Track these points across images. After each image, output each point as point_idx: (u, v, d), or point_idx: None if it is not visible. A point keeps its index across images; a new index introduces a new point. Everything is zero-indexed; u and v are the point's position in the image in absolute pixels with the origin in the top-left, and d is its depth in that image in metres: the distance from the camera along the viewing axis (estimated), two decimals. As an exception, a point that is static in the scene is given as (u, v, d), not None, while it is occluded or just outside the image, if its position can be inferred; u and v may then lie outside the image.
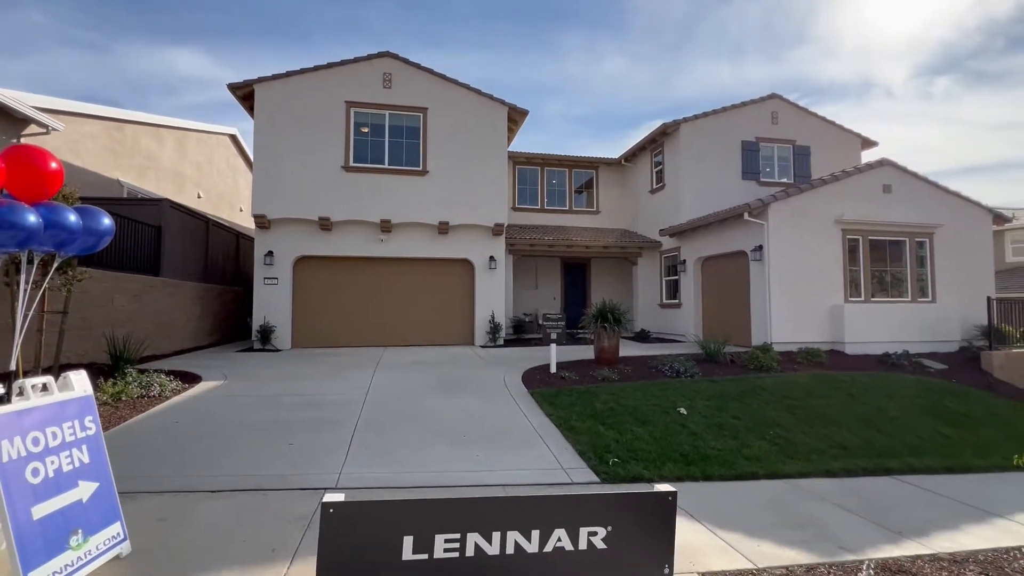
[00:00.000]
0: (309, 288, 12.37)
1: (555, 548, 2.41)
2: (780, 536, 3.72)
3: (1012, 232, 20.77)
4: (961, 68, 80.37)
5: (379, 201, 12.14)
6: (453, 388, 7.64)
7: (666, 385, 7.79)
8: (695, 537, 3.66)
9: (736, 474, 5.07)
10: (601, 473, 4.82)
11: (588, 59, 70.46)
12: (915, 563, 3.45)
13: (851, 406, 7.35)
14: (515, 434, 5.76)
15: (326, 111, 12.02)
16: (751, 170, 14.54)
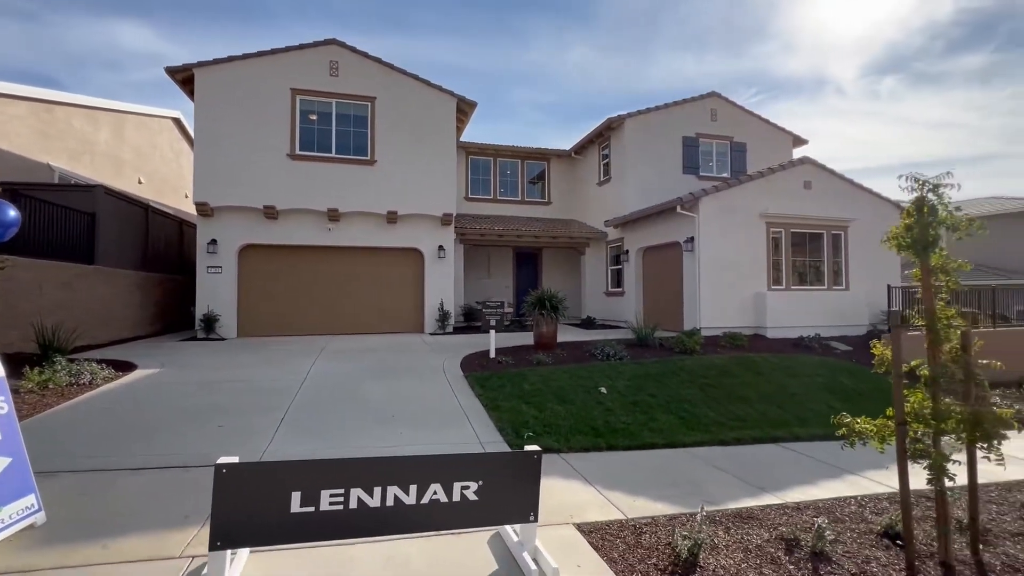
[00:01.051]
0: (255, 277, 12.32)
1: (431, 500, 2.80)
2: (658, 493, 4.26)
3: (930, 225, 22.51)
4: (905, 68, 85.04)
5: (326, 190, 12.17)
6: (392, 373, 7.94)
7: (595, 368, 8.33)
8: (582, 496, 4.15)
9: (638, 444, 5.63)
10: (514, 446, 5.26)
11: (555, 48, 70.61)
12: (764, 511, 4.05)
13: (758, 384, 8.10)
14: (443, 414, 6.15)
15: (271, 98, 11.91)
16: (691, 165, 15.28)
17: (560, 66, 71.35)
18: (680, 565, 3.10)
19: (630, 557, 3.18)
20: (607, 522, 3.66)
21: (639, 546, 3.33)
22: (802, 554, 3.35)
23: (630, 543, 3.36)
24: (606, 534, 3.47)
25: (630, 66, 73.16)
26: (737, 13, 67.87)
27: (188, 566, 2.81)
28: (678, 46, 74.78)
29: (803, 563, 3.23)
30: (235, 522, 2.50)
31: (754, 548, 3.40)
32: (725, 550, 3.34)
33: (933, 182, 3.42)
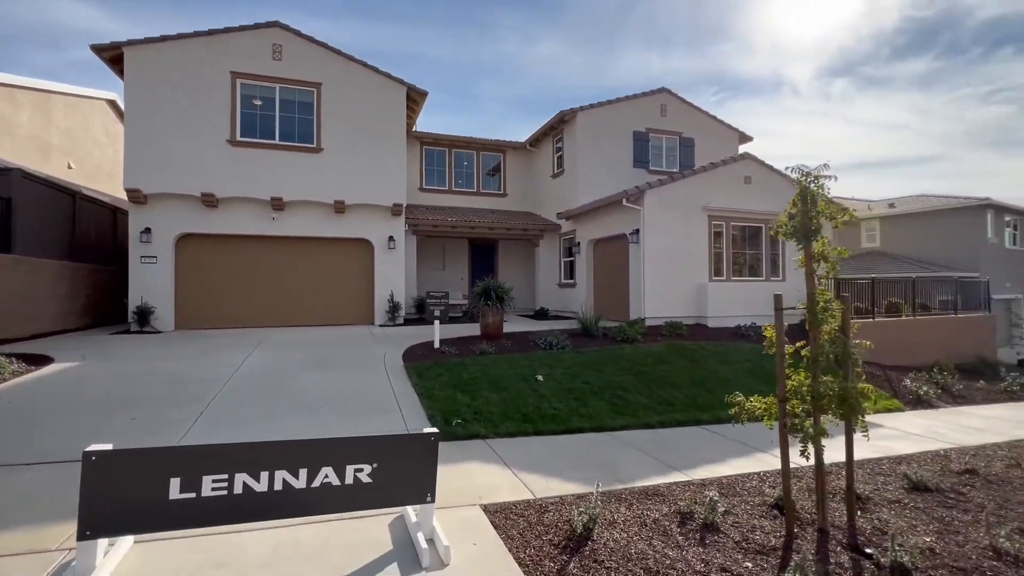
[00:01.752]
0: (195, 267, 11.86)
1: (323, 484, 2.81)
2: (572, 475, 4.39)
3: (867, 222, 23.81)
4: (855, 72, 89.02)
5: (270, 178, 11.81)
6: (331, 364, 7.83)
7: (536, 357, 8.46)
8: (497, 479, 4.24)
9: (566, 429, 5.78)
10: (442, 434, 5.30)
11: (524, 40, 70.41)
12: (670, 488, 4.25)
13: (691, 370, 8.42)
14: (375, 403, 6.12)
15: (209, 81, 11.42)
16: (641, 159, 15.61)
17: (528, 59, 71.25)
18: (574, 539, 3.22)
19: (528, 534, 3.28)
20: (515, 502, 3.76)
21: (540, 524, 3.44)
22: (694, 526, 3.54)
23: (532, 521, 3.47)
24: (511, 514, 3.57)
25: (597, 62, 73.79)
26: (700, 14, 69.42)
27: (63, 559, 2.72)
28: (644, 44, 75.91)
29: (692, 534, 3.42)
30: (107, 511, 2.44)
31: (651, 522, 3.56)
32: (622, 524, 3.49)
33: (815, 173, 3.63)
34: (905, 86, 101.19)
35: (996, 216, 21.10)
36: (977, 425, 7.34)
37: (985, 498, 4.36)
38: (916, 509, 4.07)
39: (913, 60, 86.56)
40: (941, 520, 3.87)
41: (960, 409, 8.61)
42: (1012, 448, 6.08)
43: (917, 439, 6.37)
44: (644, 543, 3.23)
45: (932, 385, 9.65)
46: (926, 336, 12.69)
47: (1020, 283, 22.31)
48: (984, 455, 5.73)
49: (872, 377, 9.75)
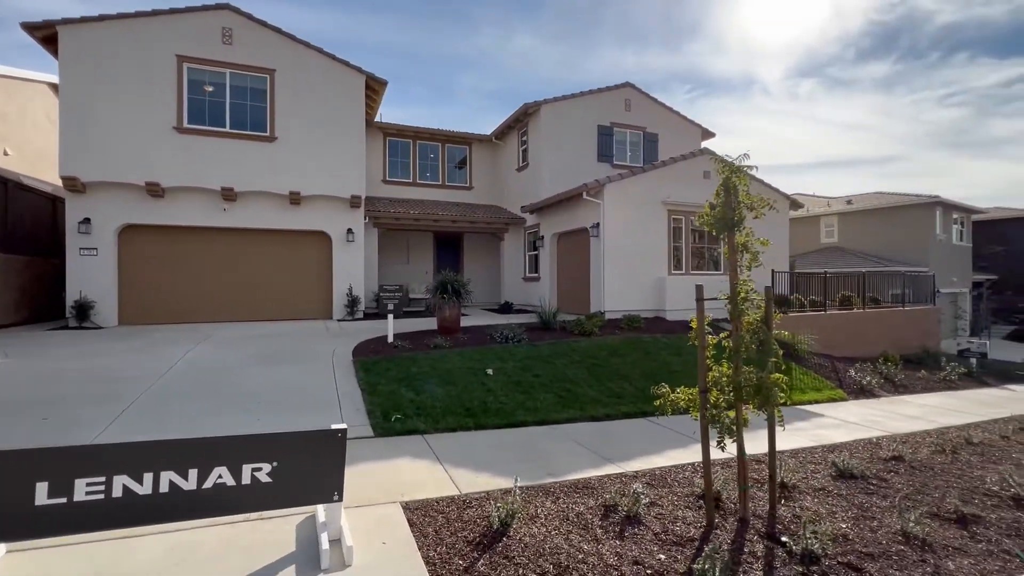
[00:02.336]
0: (140, 260, 11.35)
1: (215, 485, 2.66)
2: (504, 469, 4.33)
3: (825, 218, 24.53)
4: (821, 73, 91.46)
5: (220, 167, 11.36)
6: (277, 360, 7.59)
7: (491, 351, 8.38)
8: (426, 475, 4.14)
9: (509, 423, 5.71)
10: (378, 429, 5.19)
11: (501, 33, 69.87)
12: (601, 480, 4.23)
13: (644, 363, 8.48)
14: (315, 399, 5.94)
15: (153, 65, 10.88)
16: (606, 153, 15.66)
17: (505, 53, 70.79)
18: (489, 536, 3.15)
19: (444, 531, 3.20)
20: (439, 499, 3.67)
21: (459, 520, 3.36)
22: (616, 518, 3.51)
23: (452, 517, 3.39)
24: (432, 511, 3.48)
25: (573, 57, 73.83)
26: (674, 12, 70.11)
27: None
28: (618, 40, 76.28)
29: (613, 527, 3.39)
30: (-40, 519, 2.24)
31: (574, 516, 3.53)
32: (544, 519, 3.45)
33: (736, 164, 3.63)
34: (868, 88, 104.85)
35: (944, 213, 21.99)
36: (912, 413, 7.60)
37: (905, 484, 4.49)
38: (839, 496, 4.15)
39: (876, 63, 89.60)
40: (860, 506, 3.95)
41: (900, 398, 8.92)
42: (940, 435, 6.30)
43: (854, 427, 6.54)
44: (561, 538, 3.19)
45: (876, 375, 9.98)
46: (875, 328, 13.13)
47: (965, 278, 23.38)
48: (913, 442, 5.92)
49: (820, 368, 10.03)
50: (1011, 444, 6.04)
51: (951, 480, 4.65)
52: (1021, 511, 3.99)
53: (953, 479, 4.69)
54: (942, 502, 4.04)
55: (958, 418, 7.39)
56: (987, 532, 3.60)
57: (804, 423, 6.68)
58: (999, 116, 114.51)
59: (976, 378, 11.47)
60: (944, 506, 3.97)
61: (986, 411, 7.98)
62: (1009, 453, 5.67)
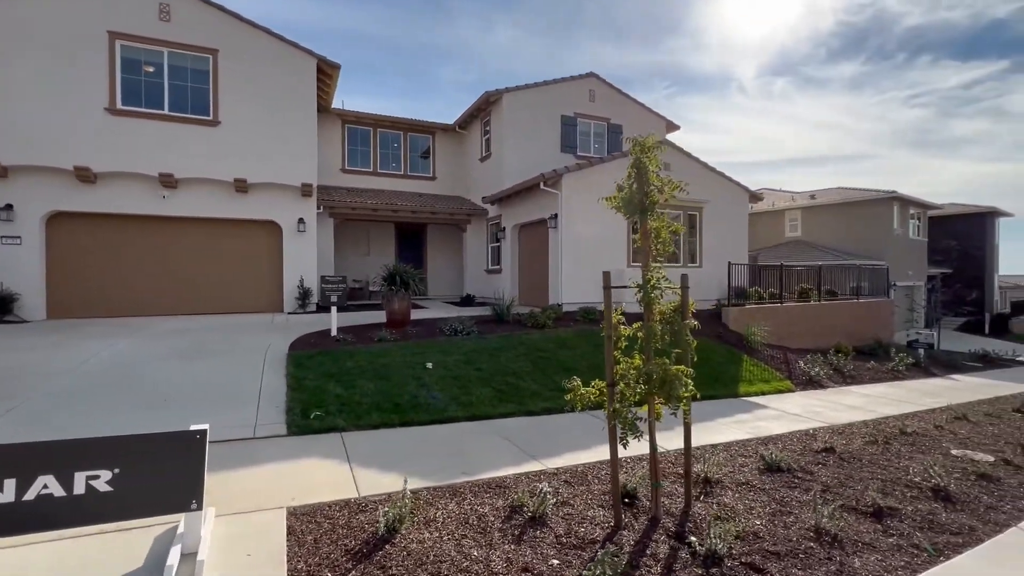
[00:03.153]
0: (73, 250, 10.69)
1: (39, 496, 2.35)
2: (416, 468, 4.09)
3: (789, 212, 24.90)
4: (794, 72, 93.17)
5: (158, 152, 10.74)
6: (206, 354, 7.17)
7: (436, 344, 8.12)
8: (326, 476, 3.87)
9: (438, 419, 5.47)
10: (294, 427, 4.89)
11: (481, 25, 68.92)
12: (518, 479, 4.03)
13: (593, 356, 8.32)
14: (235, 396, 5.60)
15: (81, 41, 10.18)
16: (569, 143, 15.46)
17: (485, 45, 69.96)
18: (373, 543, 2.91)
19: (325, 539, 2.94)
20: (333, 502, 3.40)
21: (347, 526, 3.11)
22: (520, 520, 3.31)
23: (339, 523, 3.13)
24: (320, 516, 3.21)
25: (553, 50, 73.44)
26: (653, 8, 70.26)
27: None
28: (600, 35, 76.13)
29: (513, 530, 3.19)
30: None
31: (475, 519, 3.31)
32: (440, 523, 3.22)
33: (646, 144, 3.44)
34: (839, 87, 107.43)
35: (902, 208, 22.53)
36: (854, 403, 7.64)
37: (831, 477, 4.41)
38: (762, 491, 4.04)
39: (846, 63, 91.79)
40: (781, 501, 3.84)
41: (847, 389, 9.00)
42: (877, 426, 6.31)
43: (794, 419, 6.51)
44: (452, 543, 2.97)
45: (826, 367, 10.07)
46: (830, 320, 13.31)
47: (921, 271, 24.06)
48: (849, 433, 5.90)
49: (772, 359, 10.07)
50: (943, 433, 6.08)
51: (877, 471, 4.60)
52: (938, 502, 3.95)
53: (879, 470, 4.64)
54: (863, 495, 3.96)
55: (898, 408, 7.45)
56: (901, 525, 3.52)
57: (747, 415, 6.62)
58: (960, 117, 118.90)
59: (923, 368, 11.72)
60: (863, 499, 3.89)
61: (926, 401, 8.09)
62: (940, 442, 5.69)
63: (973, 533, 3.46)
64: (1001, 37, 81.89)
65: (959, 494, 4.11)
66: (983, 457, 5.18)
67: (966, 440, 5.86)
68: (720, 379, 8.20)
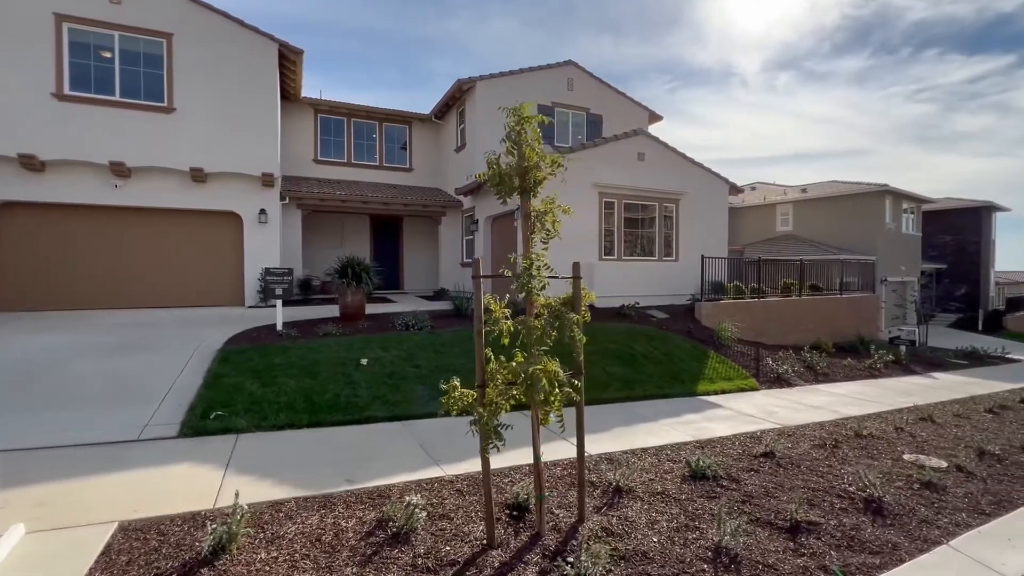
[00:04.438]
0: (21, 241, 10.36)
1: None
2: (299, 476, 3.75)
3: (781, 206, 24.42)
4: (798, 66, 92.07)
5: (108, 139, 10.37)
6: (136, 349, 6.83)
7: (383, 339, 7.77)
8: (192, 484, 3.54)
9: (356, 419, 5.14)
10: (187, 428, 4.55)
11: (476, 17, 68.22)
12: (406, 487, 3.68)
13: (547, 352, 7.95)
14: (141, 393, 5.26)
15: (26, 23, 9.80)
16: (547, 134, 14.91)
17: (479, 37, 69.24)
18: (190, 566, 2.56)
19: (142, 560, 2.60)
20: (177, 515, 3.06)
21: (178, 544, 2.76)
22: (382, 536, 2.96)
23: (171, 541, 2.79)
24: (153, 531, 2.87)
25: (549, 44, 72.76)
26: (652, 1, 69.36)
27: None
28: (596, 28, 75.27)
29: (368, 548, 2.84)
30: None
31: (331, 535, 2.96)
32: (287, 540, 2.87)
33: (523, 112, 3.07)
34: (842, 82, 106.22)
35: (894, 202, 22.04)
36: (817, 403, 7.27)
37: (759, 485, 4.05)
38: (675, 501, 3.68)
39: (850, 57, 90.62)
40: (692, 514, 3.49)
41: (816, 387, 8.63)
42: (834, 427, 5.95)
43: (746, 420, 6.14)
44: (286, 567, 2.62)
45: (799, 364, 9.70)
46: (811, 316, 12.92)
47: (914, 267, 23.58)
48: (799, 435, 5.54)
49: (741, 356, 9.69)
50: (901, 436, 5.71)
51: (812, 479, 4.24)
52: (867, 515, 3.58)
53: (816, 478, 4.28)
54: (786, 506, 3.60)
55: (863, 408, 7.08)
56: (816, 543, 3.16)
57: (696, 415, 6.26)
58: (964, 112, 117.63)
59: (904, 366, 11.33)
60: (784, 511, 3.53)
61: (895, 400, 7.71)
62: (895, 446, 5.32)
63: (895, 552, 3.10)
64: (1007, 31, 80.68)
65: (894, 506, 3.74)
66: (936, 463, 4.81)
67: (924, 443, 5.49)
68: (678, 377, 7.83)
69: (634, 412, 6.20)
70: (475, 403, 2.93)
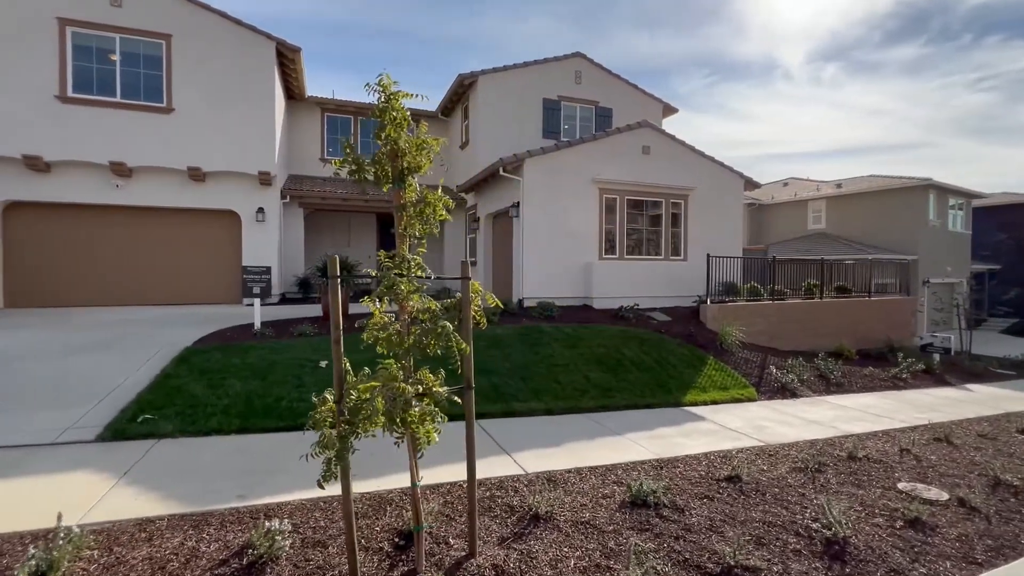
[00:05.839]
0: (30, 240, 10.71)
1: None
2: (189, 488, 3.50)
3: (813, 203, 23.02)
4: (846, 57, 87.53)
5: (109, 140, 10.59)
6: (102, 348, 6.83)
7: (352, 339, 7.50)
8: (66, 494, 3.32)
9: (288, 426, 4.89)
10: (109, 432, 4.39)
11: (513, 17, 68.00)
12: (300, 506, 3.36)
13: (523, 355, 7.54)
14: (83, 394, 5.16)
15: (30, 27, 10.10)
16: (552, 128, 14.55)
17: (514, 37, 68.97)
18: (-4, 596, 2.32)
19: (-49, 586, 2.37)
20: (19, 533, 2.82)
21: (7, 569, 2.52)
22: (233, 568, 2.64)
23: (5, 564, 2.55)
24: (-8, 551, 2.65)
25: (585, 41, 71.96)
26: (687, -9, 67.37)
27: None
28: (633, 23, 73.73)
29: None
30: None
31: (179, 563, 2.66)
32: (125, 567, 2.59)
33: (387, 87, 2.69)
34: (894, 72, 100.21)
35: (939, 197, 20.38)
36: (818, 418, 6.56)
37: (707, 516, 3.53)
38: (598, 534, 3.22)
39: (904, 45, 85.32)
40: (610, 551, 3.02)
41: (823, 399, 7.86)
42: (828, 446, 5.30)
43: (725, 436, 5.55)
44: (103, 599, 2.33)
45: (810, 372, 8.90)
46: (834, 320, 11.97)
47: (962, 267, 21.76)
48: (780, 456, 4.93)
49: (744, 363, 8.98)
50: (903, 460, 5.01)
51: (774, 510, 3.68)
52: (822, 560, 3.02)
53: (779, 509, 3.71)
54: (726, 546, 3.08)
55: (870, 424, 6.33)
56: (745, 596, 2.65)
57: (670, 429, 5.71)
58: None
59: (935, 376, 10.30)
60: (721, 552, 3.01)
61: (911, 416, 6.90)
62: (892, 472, 4.65)
63: (841, 613, 2.55)
64: (1079, 10, 74.08)
65: (861, 549, 3.16)
66: (934, 494, 4.14)
67: (929, 469, 4.79)
68: (665, 385, 7.25)
69: (602, 424, 5.71)
70: (322, 421, 2.54)
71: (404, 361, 2.74)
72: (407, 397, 2.47)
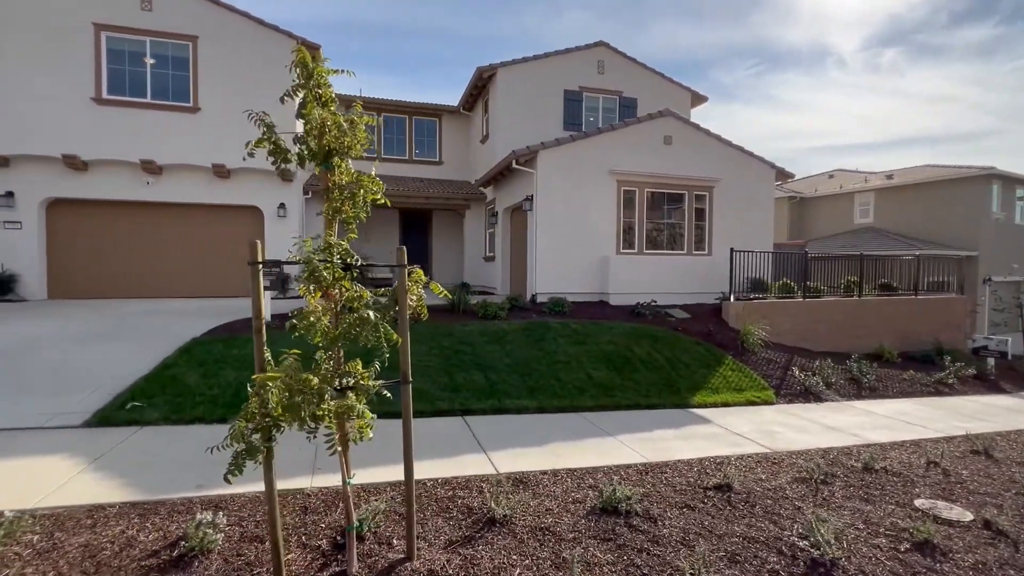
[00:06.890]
0: (71, 234, 11.35)
1: None
2: (156, 477, 3.50)
3: (860, 195, 21.60)
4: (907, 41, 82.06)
5: (141, 139, 11.05)
6: (115, 338, 7.09)
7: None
8: (36, 478, 3.38)
9: (272, 417, 4.86)
10: (96, 418, 4.51)
11: (549, 11, 67.53)
12: (254, 499, 3.30)
13: (526, 352, 7.33)
14: (85, 382, 5.35)
15: (68, 33, 10.65)
16: (573, 121, 14.20)
17: (551, 32, 68.41)
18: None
19: None
20: (-17, 515, 2.88)
21: (-54, 548, 2.56)
22: (166, 558, 2.59)
23: (-57, 544, 2.59)
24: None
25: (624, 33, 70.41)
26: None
27: None
28: (674, 12, 71.70)
29: (134, 569, 2.47)
30: None
31: (112, 552, 2.64)
32: (56, 554, 2.58)
33: (305, 59, 2.54)
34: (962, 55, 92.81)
35: (1005, 187, 18.70)
36: (839, 424, 6.05)
37: (680, 528, 3.24)
38: (555, 543, 3.00)
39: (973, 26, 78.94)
40: (561, 563, 2.79)
41: (850, 404, 7.27)
42: (844, 455, 4.85)
43: (728, 441, 5.17)
44: (21, 586, 2.32)
45: (842, 374, 8.28)
46: (874, 320, 11.14)
47: (1031, 263, 19.87)
48: (786, 464, 4.54)
49: (767, 363, 8.46)
50: (928, 474, 4.51)
51: (759, 525, 3.34)
52: (801, 586, 2.69)
53: (766, 524, 3.37)
54: (691, 562, 2.79)
55: (898, 433, 5.78)
56: (700, 621, 2.37)
57: (669, 431, 5.37)
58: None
59: (989, 382, 9.43)
60: (682, 570, 2.73)
61: (949, 424, 6.26)
62: (911, 488, 4.18)
63: (809, 648, 2.24)
64: None
65: (850, 574, 2.80)
66: (956, 514, 3.68)
67: (957, 485, 4.28)
68: (673, 385, 6.88)
69: (595, 424, 5.44)
70: (251, 415, 2.43)
71: (331, 352, 2.59)
72: (312, 390, 2.32)
